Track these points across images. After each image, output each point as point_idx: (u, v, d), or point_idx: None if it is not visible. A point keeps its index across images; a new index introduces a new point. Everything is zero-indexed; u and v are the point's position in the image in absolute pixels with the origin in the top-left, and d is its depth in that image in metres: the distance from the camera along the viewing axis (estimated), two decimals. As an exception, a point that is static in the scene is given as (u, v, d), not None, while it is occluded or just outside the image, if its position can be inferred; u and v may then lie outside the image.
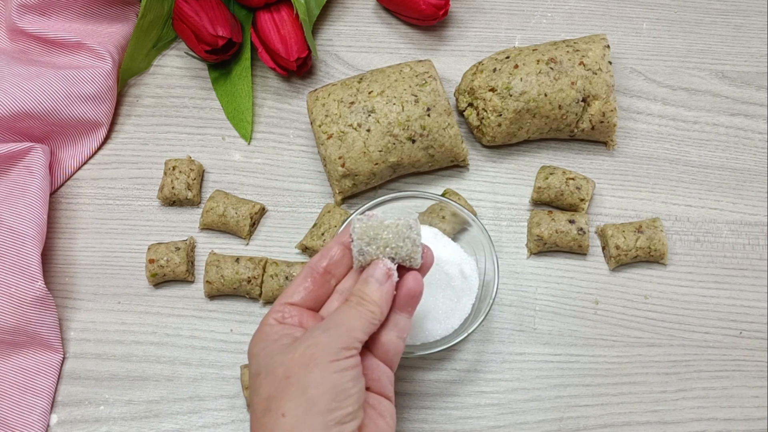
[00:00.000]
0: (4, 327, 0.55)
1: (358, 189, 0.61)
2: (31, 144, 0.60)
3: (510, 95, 0.59)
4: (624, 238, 0.58)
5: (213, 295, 0.59)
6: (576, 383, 0.56)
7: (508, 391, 0.56)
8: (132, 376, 0.57)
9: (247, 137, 0.66)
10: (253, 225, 0.61)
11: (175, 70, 0.69)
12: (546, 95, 0.59)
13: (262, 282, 0.58)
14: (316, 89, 0.62)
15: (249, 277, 0.57)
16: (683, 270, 0.60)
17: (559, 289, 0.60)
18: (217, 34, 0.62)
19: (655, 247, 0.58)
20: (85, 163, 0.65)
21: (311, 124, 0.60)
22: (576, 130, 0.62)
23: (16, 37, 0.66)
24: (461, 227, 0.57)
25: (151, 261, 0.58)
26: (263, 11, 0.66)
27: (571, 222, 0.59)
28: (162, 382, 0.57)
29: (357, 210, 0.56)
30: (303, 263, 0.58)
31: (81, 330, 0.59)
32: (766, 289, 0.59)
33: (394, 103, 0.58)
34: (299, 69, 0.65)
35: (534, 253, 0.61)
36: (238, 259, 0.58)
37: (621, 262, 0.59)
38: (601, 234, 0.60)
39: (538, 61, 0.60)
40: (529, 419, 0.55)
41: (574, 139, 0.65)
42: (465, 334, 0.52)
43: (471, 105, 0.62)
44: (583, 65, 0.60)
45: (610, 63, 0.60)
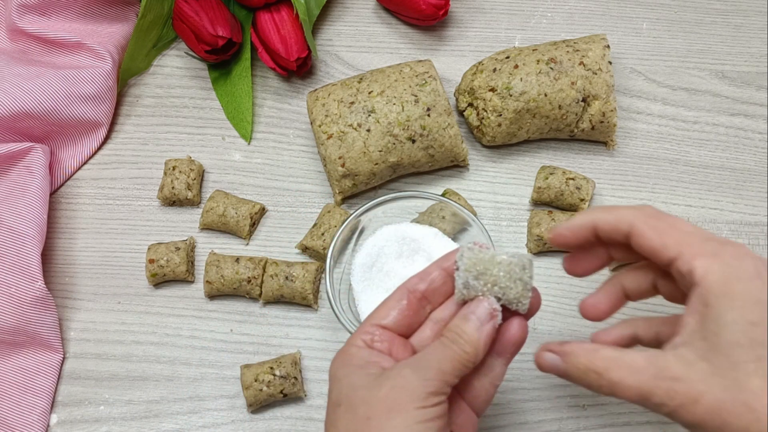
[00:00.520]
0: (4, 327, 0.55)
1: (358, 189, 0.61)
2: (31, 144, 0.60)
3: (510, 95, 0.59)
4: (624, 238, 0.58)
5: (213, 295, 0.59)
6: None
7: (508, 391, 0.56)
8: (132, 376, 0.57)
9: (247, 137, 0.66)
10: (253, 225, 0.61)
11: (175, 70, 0.69)
12: (546, 95, 0.59)
13: (262, 282, 0.58)
14: (316, 89, 0.62)
15: (249, 277, 0.57)
16: (683, 270, 0.60)
17: (559, 289, 0.59)
18: (217, 34, 0.62)
19: (655, 247, 0.58)
20: (85, 163, 0.65)
21: (311, 124, 0.60)
22: (576, 130, 0.62)
23: (16, 37, 0.66)
24: (461, 227, 0.57)
25: (151, 261, 0.58)
26: (263, 11, 0.66)
27: (571, 222, 0.59)
28: (162, 382, 0.57)
29: (356, 211, 0.56)
30: (303, 263, 0.58)
31: (81, 330, 0.59)
32: (766, 289, 0.59)
33: (394, 103, 0.58)
34: (299, 69, 0.65)
35: (534, 253, 0.61)
36: (238, 259, 0.58)
37: (621, 261, 0.59)
38: (601, 234, 0.60)
39: (538, 61, 0.60)
40: (529, 419, 0.55)
41: (574, 139, 0.65)
42: (465, 334, 0.52)
43: (471, 105, 0.62)
44: (583, 65, 0.60)
45: (610, 63, 0.60)
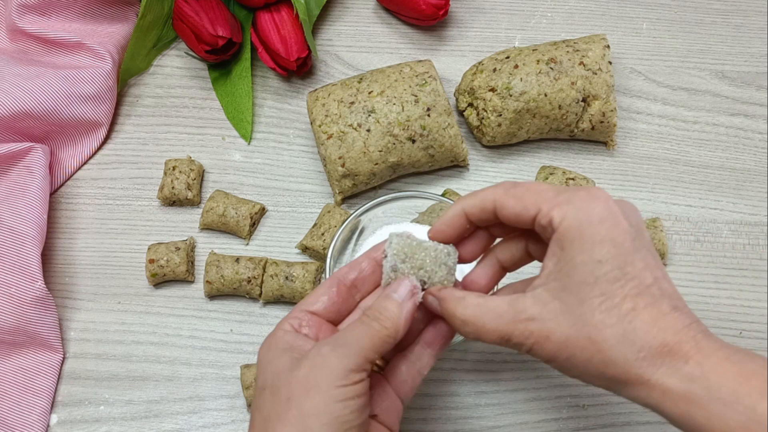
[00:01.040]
0: (4, 327, 0.55)
1: (358, 189, 0.61)
2: (31, 144, 0.60)
3: (510, 95, 0.59)
4: (624, 238, 0.58)
5: (213, 295, 0.59)
6: (576, 383, 0.56)
7: (508, 391, 0.56)
8: (132, 376, 0.57)
9: (247, 137, 0.66)
10: (253, 225, 0.61)
11: (175, 70, 0.69)
12: (546, 95, 0.59)
13: (262, 282, 0.58)
14: (316, 89, 0.62)
15: (249, 277, 0.57)
16: (683, 270, 0.60)
17: (559, 289, 0.59)
18: (217, 34, 0.62)
19: (656, 247, 0.58)
20: (85, 163, 0.65)
21: (311, 124, 0.60)
22: (576, 130, 0.62)
23: (16, 37, 0.66)
24: (461, 227, 0.57)
25: (151, 261, 0.58)
26: (263, 11, 0.66)
27: (571, 222, 0.59)
28: (162, 382, 0.57)
29: (356, 211, 0.56)
30: (303, 263, 0.58)
31: (81, 330, 0.59)
32: (766, 289, 0.59)
33: (394, 103, 0.58)
34: (299, 69, 0.65)
35: (534, 253, 0.61)
36: (238, 259, 0.58)
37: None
38: (601, 234, 0.60)
39: (538, 61, 0.60)
40: (529, 419, 0.55)
41: (574, 139, 0.65)
42: (465, 334, 0.52)
43: (471, 105, 0.62)
44: (583, 65, 0.60)
45: (610, 63, 0.60)
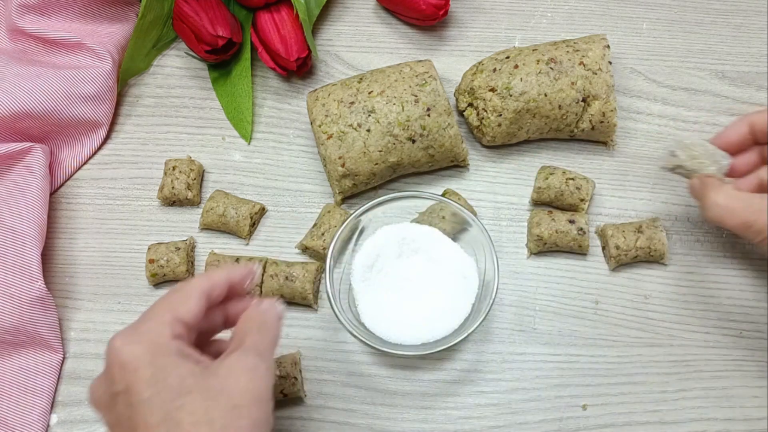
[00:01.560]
0: (4, 327, 0.55)
1: (358, 189, 0.61)
2: (31, 144, 0.60)
3: (510, 95, 0.59)
4: (624, 238, 0.58)
5: (213, 295, 0.59)
6: (576, 383, 0.56)
7: (508, 391, 0.56)
8: (132, 376, 0.57)
9: (247, 137, 0.66)
10: (253, 225, 0.61)
11: (175, 70, 0.69)
12: (546, 95, 0.59)
13: (262, 282, 0.58)
14: (316, 89, 0.62)
15: (249, 277, 0.57)
16: (683, 270, 0.60)
17: (559, 289, 0.59)
18: (217, 34, 0.62)
19: (655, 247, 0.58)
20: (85, 163, 0.65)
21: (311, 124, 0.60)
22: (576, 130, 0.62)
23: (16, 37, 0.66)
24: (461, 227, 0.57)
25: (151, 261, 0.58)
26: (263, 11, 0.66)
27: (571, 222, 0.59)
28: (162, 382, 0.57)
29: (356, 211, 0.56)
30: (303, 263, 0.58)
31: (81, 330, 0.59)
32: (766, 289, 0.59)
33: (394, 103, 0.58)
34: (299, 69, 0.65)
35: (534, 253, 0.61)
36: (238, 259, 0.58)
37: (621, 262, 0.59)
38: (601, 234, 0.60)
39: (538, 61, 0.60)
40: (529, 419, 0.55)
41: (574, 139, 0.65)
42: (465, 334, 0.52)
43: (471, 105, 0.62)
44: (583, 65, 0.60)
45: (610, 63, 0.60)
